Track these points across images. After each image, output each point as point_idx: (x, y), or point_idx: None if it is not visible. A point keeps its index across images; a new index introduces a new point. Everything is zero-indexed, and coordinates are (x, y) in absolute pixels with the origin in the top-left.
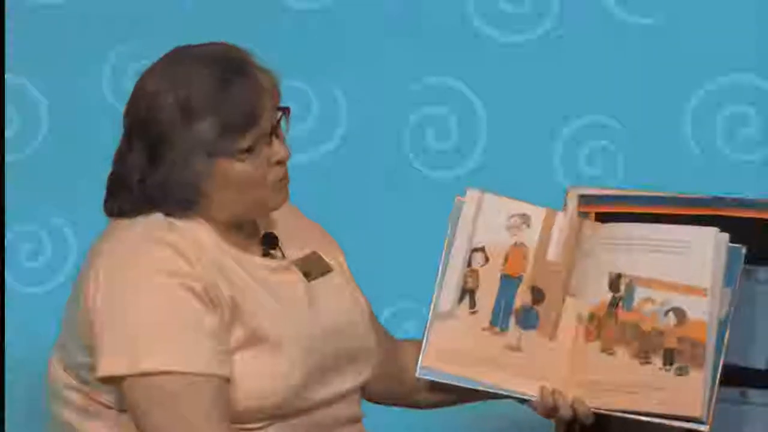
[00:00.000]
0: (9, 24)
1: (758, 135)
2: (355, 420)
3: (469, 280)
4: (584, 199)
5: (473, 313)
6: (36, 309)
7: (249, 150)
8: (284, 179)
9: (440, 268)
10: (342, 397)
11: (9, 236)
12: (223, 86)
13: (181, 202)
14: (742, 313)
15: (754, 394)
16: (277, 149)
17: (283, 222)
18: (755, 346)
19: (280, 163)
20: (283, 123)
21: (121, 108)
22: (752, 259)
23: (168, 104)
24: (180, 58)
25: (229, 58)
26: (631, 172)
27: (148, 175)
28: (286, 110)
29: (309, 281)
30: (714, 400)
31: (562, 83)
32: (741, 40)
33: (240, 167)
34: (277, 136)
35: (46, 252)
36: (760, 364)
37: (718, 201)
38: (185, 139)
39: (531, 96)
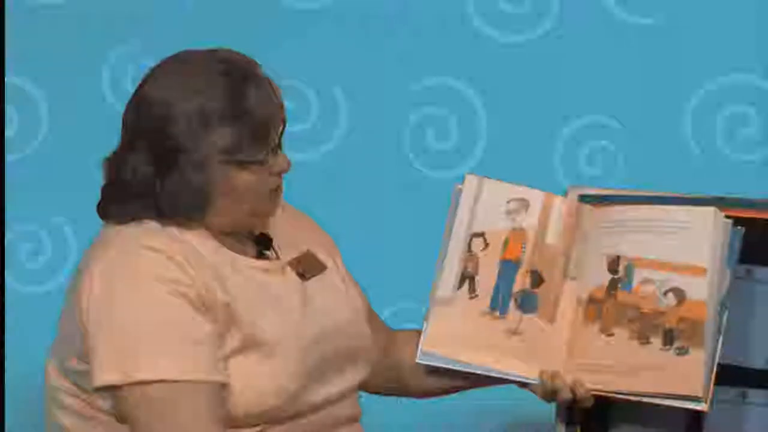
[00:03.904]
0: (9, 24)
1: (758, 135)
2: (354, 419)
3: (469, 265)
4: (584, 199)
5: (473, 298)
6: (36, 309)
7: (262, 162)
8: (278, 189)
9: (440, 254)
10: (342, 396)
11: (9, 236)
12: (241, 96)
13: (189, 209)
14: (742, 313)
15: (754, 394)
16: (281, 161)
17: (277, 221)
18: (755, 346)
19: (280, 173)
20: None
21: (121, 108)
22: (752, 259)
23: (184, 111)
24: (190, 64)
25: (242, 67)
26: (631, 172)
27: (157, 183)
28: (284, 122)
29: (304, 281)
30: (713, 380)
31: (562, 83)
32: (741, 40)
33: (246, 177)
34: (280, 148)
35: (46, 252)
36: (759, 364)
37: (718, 201)
38: (201, 146)
39: (531, 96)
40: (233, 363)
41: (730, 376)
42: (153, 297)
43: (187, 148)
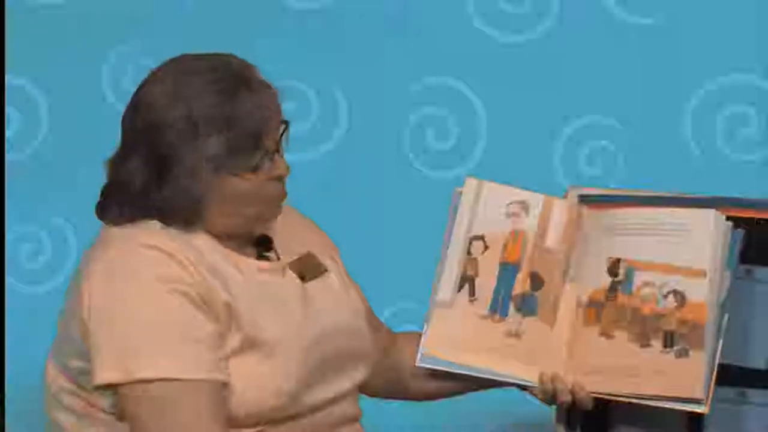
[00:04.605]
0: (9, 24)
1: (758, 135)
2: (355, 419)
3: (469, 268)
4: (584, 199)
5: (473, 300)
6: (36, 309)
7: (254, 169)
8: (281, 195)
9: (440, 257)
10: (342, 396)
11: (9, 236)
12: (231, 103)
13: (182, 215)
14: (742, 313)
15: (754, 394)
16: (278, 165)
17: (277, 223)
18: (754, 346)
19: (280, 178)
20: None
21: (121, 108)
22: (752, 259)
23: (175, 118)
24: (184, 69)
25: (236, 73)
26: (631, 172)
27: (151, 188)
28: (286, 124)
29: (304, 283)
30: (713, 382)
31: (562, 83)
32: (741, 40)
33: (242, 184)
34: (278, 152)
35: (46, 252)
36: (759, 364)
37: (718, 201)
38: (192, 154)
39: (531, 96)
40: (234, 363)
41: (730, 376)
42: (154, 296)
43: (179, 155)
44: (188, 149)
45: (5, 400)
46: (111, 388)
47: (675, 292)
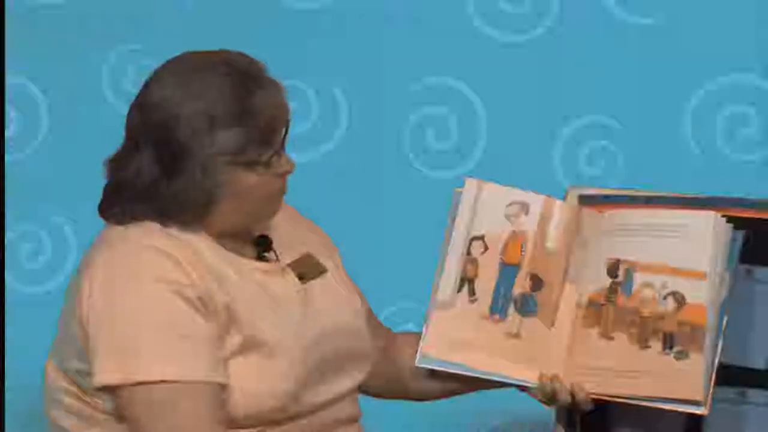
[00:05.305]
0: (9, 24)
1: (758, 135)
2: (354, 419)
3: (469, 268)
4: (584, 199)
5: (473, 301)
6: (36, 309)
7: (266, 163)
8: (282, 191)
9: (440, 258)
10: (342, 397)
11: (9, 236)
12: (247, 97)
13: (192, 211)
14: (742, 313)
15: (754, 394)
16: (285, 162)
17: (277, 223)
18: (754, 346)
19: (283, 175)
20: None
21: (121, 108)
22: (752, 259)
23: (190, 114)
24: (194, 65)
25: (247, 68)
26: (631, 172)
27: (162, 184)
28: (287, 122)
29: (304, 283)
30: (713, 383)
31: (562, 83)
32: (741, 40)
33: (252, 179)
34: (283, 149)
35: (46, 252)
36: (759, 364)
37: (717, 201)
38: (205, 148)
39: (531, 96)
40: (233, 364)
41: (730, 376)
42: (153, 297)
43: (193, 150)
44: (203, 143)
45: (5, 400)
46: (110, 390)
47: (674, 294)
